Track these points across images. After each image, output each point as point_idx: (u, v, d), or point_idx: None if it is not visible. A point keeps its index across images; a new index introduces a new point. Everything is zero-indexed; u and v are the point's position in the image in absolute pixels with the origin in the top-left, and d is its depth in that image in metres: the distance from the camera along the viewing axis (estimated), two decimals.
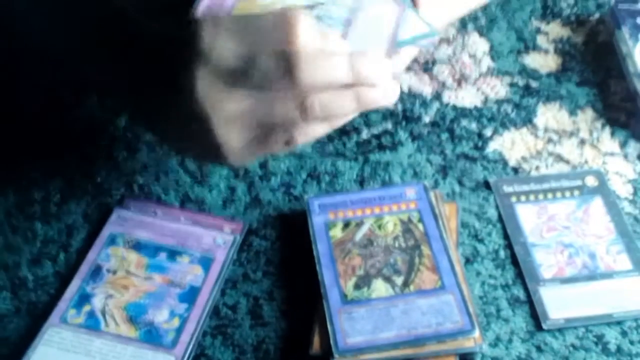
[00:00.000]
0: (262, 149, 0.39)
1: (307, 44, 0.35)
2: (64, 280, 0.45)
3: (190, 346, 0.42)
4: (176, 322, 0.43)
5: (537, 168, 0.51)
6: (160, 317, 0.43)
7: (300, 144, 0.39)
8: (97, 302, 0.43)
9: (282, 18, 0.35)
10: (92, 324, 0.42)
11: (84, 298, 0.43)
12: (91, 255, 0.45)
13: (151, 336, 0.42)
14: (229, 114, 0.36)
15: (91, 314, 0.43)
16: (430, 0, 0.47)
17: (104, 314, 0.43)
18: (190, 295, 0.44)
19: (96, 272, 0.45)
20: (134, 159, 0.51)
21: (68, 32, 0.44)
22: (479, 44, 0.59)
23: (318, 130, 0.39)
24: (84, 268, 0.45)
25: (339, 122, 0.39)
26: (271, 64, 0.35)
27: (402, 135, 0.53)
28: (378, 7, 0.40)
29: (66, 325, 0.42)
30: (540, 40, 0.60)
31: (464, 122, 0.54)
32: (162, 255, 0.46)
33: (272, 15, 0.35)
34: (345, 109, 0.37)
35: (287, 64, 0.34)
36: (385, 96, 0.37)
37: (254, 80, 0.35)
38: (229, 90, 0.36)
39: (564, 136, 0.53)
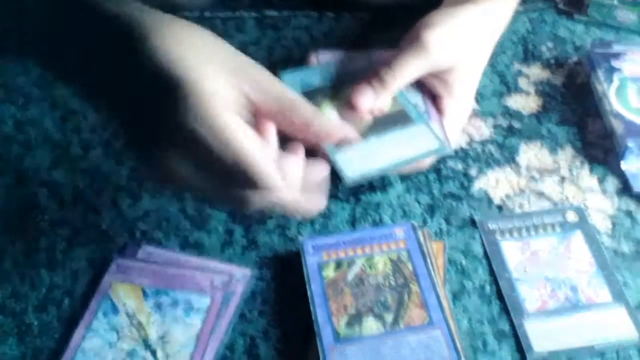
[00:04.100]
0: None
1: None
2: (69, 325, 0.46)
3: None
4: None
5: (520, 205, 0.53)
6: None
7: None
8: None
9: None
10: None
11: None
12: (94, 302, 0.47)
13: None
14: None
15: None
16: (454, 114, 0.51)
17: None
18: None
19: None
20: (137, 206, 0.53)
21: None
22: None
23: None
24: (88, 314, 0.47)
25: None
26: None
27: (392, 175, 0.55)
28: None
29: None
30: (522, 82, 0.62)
31: (451, 163, 0.56)
32: (163, 299, 0.48)
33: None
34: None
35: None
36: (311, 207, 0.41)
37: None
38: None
39: (545, 174, 0.55)
